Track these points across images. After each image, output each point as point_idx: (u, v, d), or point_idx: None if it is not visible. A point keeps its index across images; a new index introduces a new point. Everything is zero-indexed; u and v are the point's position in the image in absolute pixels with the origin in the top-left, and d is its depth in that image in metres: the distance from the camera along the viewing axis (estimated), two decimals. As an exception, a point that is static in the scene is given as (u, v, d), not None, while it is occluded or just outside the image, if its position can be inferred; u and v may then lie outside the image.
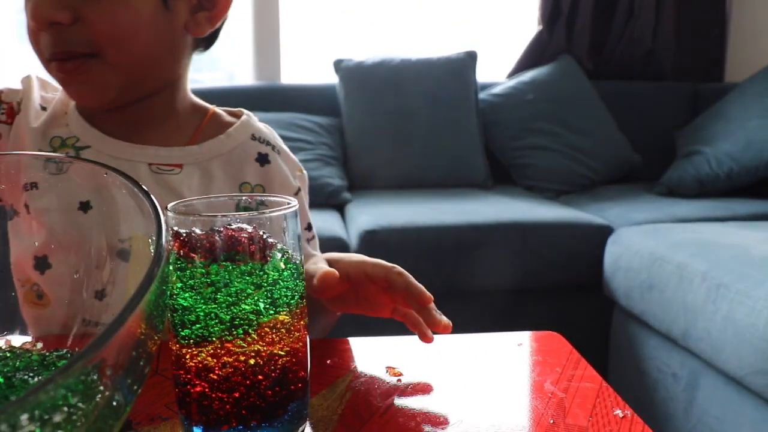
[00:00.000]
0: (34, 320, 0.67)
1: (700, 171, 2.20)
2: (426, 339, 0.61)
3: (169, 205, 0.43)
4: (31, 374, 0.45)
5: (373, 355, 0.63)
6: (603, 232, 1.84)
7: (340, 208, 2.12)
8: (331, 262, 0.64)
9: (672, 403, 1.48)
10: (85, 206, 0.52)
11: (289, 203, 0.45)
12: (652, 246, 1.60)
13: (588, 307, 1.87)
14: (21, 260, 0.64)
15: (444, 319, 0.59)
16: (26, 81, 0.74)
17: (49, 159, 0.53)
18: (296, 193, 0.78)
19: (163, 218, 0.40)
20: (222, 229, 0.42)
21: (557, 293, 1.89)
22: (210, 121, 0.77)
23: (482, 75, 2.52)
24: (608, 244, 1.78)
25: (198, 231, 0.42)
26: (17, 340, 0.54)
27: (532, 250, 1.82)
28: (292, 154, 0.80)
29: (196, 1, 0.70)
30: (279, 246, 0.44)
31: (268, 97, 2.43)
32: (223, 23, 0.74)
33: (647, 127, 2.60)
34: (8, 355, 0.48)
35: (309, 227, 0.81)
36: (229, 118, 0.78)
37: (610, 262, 1.75)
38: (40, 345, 0.52)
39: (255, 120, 0.79)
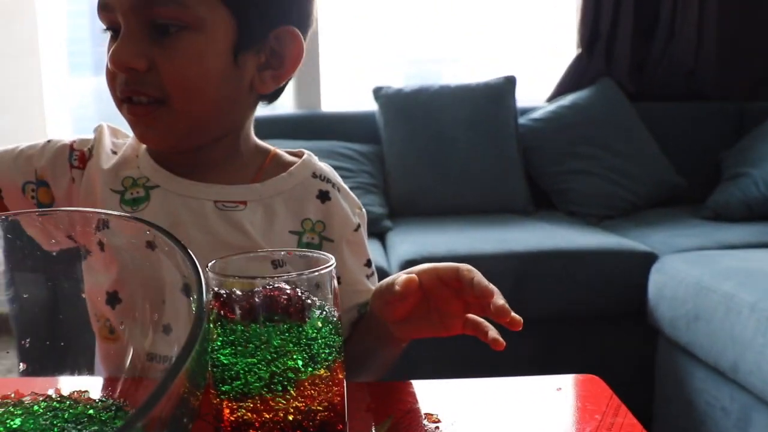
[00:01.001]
0: (105, 354, 0.70)
1: (747, 194, 2.15)
2: (497, 346, 0.61)
3: (209, 265, 0.45)
4: (79, 426, 0.47)
5: (411, 400, 0.63)
6: (647, 260, 1.80)
7: (380, 236, 2.13)
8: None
9: (722, 438, 1.45)
10: (151, 244, 0.54)
11: (327, 261, 0.46)
12: (698, 275, 1.57)
13: (632, 336, 1.84)
14: (94, 296, 0.68)
15: (515, 315, 0.60)
16: (98, 129, 0.79)
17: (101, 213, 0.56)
18: (356, 229, 0.80)
19: (203, 279, 0.42)
20: (261, 289, 0.43)
21: (601, 322, 1.86)
22: (272, 161, 0.79)
23: (522, 99, 2.52)
24: (652, 272, 1.75)
25: (238, 291, 0.44)
26: (68, 383, 0.56)
27: (574, 279, 1.80)
28: (351, 193, 0.83)
29: (264, 59, 0.72)
30: (318, 303, 0.45)
31: (309, 126, 2.46)
32: (287, 82, 0.76)
33: (691, 148, 2.54)
34: (57, 405, 0.50)
35: (369, 263, 0.82)
36: (290, 158, 0.81)
37: (654, 290, 1.72)
38: (87, 393, 0.54)
39: (316, 159, 0.82)
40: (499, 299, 0.60)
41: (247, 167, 0.78)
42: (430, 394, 0.64)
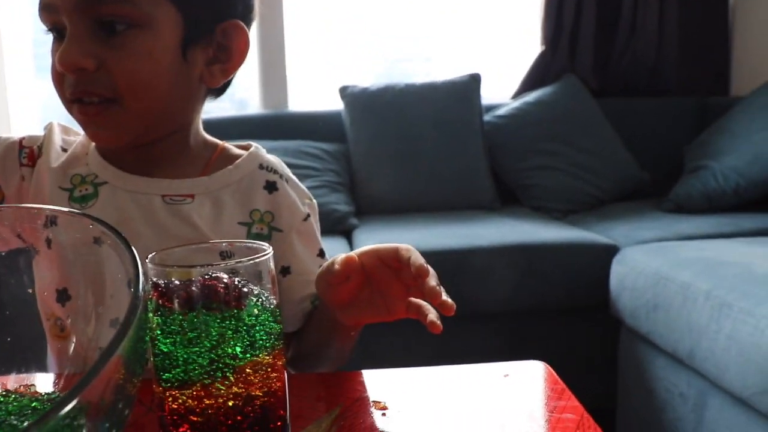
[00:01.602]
0: (57, 353, 0.70)
1: (707, 186, 2.19)
2: (434, 329, 0.61)
3: (149, 256, 0.46)
4: (22, 419, 0.47)
5: (361, 389, 0.64)
6: (608, 252, 1.84)
7: (347, 234, 2.14)
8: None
9: (680, 423, 1.48)
10: (98, 240, 0.54)
11: (264, 250, 0.47)
12: (657, 265, 1.60)
13: (596, 327, 1.87)
14: (44, 295, 0.68)
15: (447, 299, 0.59)
16: (48, 127, 0.79)
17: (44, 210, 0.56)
18: (305, 219, 0.80)
19: (141, 268, 0.43)
20: (199, 279, 0.44)
21: (565, 314, 1.89)
22: (220, 154, 0.80)
23: (487, 97, 2.54)
24: (613, 263, 1.78)
25: (176, 281, 0.44)
26: (16, 379, 0.57)
27: (537, 272, 1.82)
28: (300, 184, 0.84)
29: (212, 53, 0.73)
30: (255, 292, 0.46)
31: (276, 126, 2.46)
32: (235, 74, 0.77)
33: (655, 143, 2.58)
34: (2, 399, 0.50)
35: (321, 254, 0.83)
36: (237, 151, 0.81)
37: (615, 282, 1.75)
38: (34, 387, 0.54)
39: (263, 151, 0.82)
40: (432, 280, 0.61)
41: (196, 161, 0.78)
42: (381, 382, 0.66)
